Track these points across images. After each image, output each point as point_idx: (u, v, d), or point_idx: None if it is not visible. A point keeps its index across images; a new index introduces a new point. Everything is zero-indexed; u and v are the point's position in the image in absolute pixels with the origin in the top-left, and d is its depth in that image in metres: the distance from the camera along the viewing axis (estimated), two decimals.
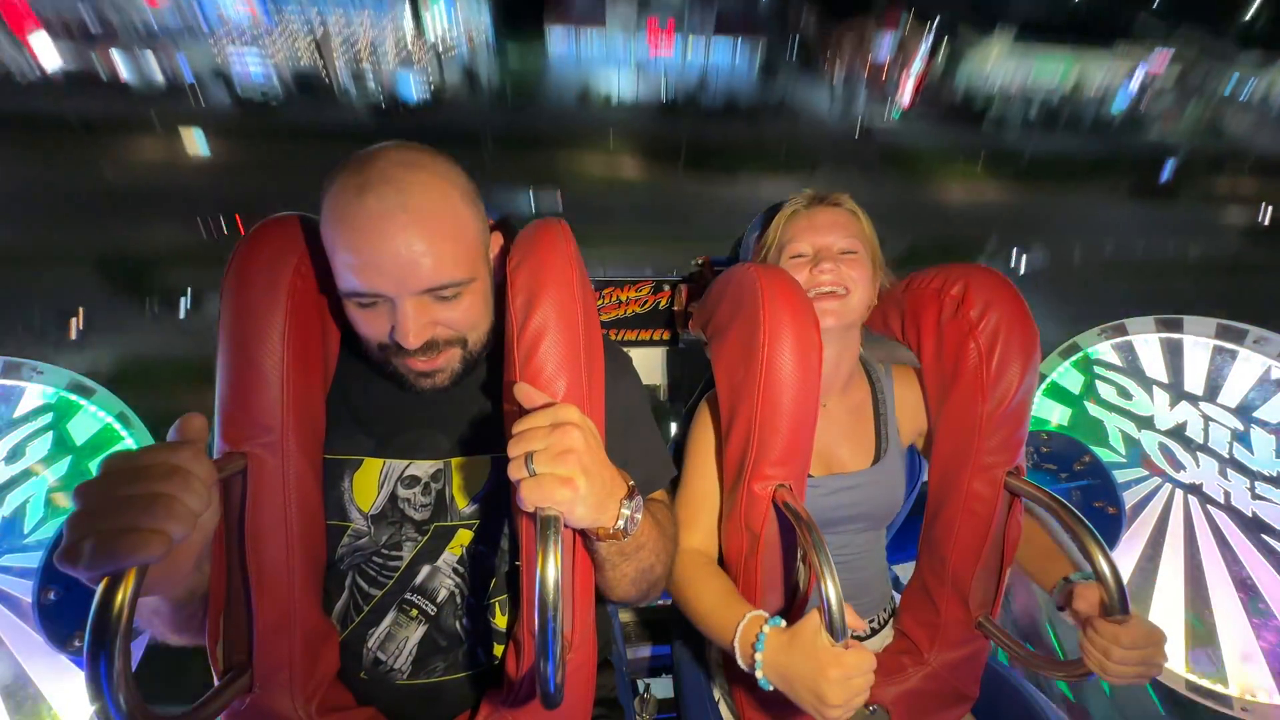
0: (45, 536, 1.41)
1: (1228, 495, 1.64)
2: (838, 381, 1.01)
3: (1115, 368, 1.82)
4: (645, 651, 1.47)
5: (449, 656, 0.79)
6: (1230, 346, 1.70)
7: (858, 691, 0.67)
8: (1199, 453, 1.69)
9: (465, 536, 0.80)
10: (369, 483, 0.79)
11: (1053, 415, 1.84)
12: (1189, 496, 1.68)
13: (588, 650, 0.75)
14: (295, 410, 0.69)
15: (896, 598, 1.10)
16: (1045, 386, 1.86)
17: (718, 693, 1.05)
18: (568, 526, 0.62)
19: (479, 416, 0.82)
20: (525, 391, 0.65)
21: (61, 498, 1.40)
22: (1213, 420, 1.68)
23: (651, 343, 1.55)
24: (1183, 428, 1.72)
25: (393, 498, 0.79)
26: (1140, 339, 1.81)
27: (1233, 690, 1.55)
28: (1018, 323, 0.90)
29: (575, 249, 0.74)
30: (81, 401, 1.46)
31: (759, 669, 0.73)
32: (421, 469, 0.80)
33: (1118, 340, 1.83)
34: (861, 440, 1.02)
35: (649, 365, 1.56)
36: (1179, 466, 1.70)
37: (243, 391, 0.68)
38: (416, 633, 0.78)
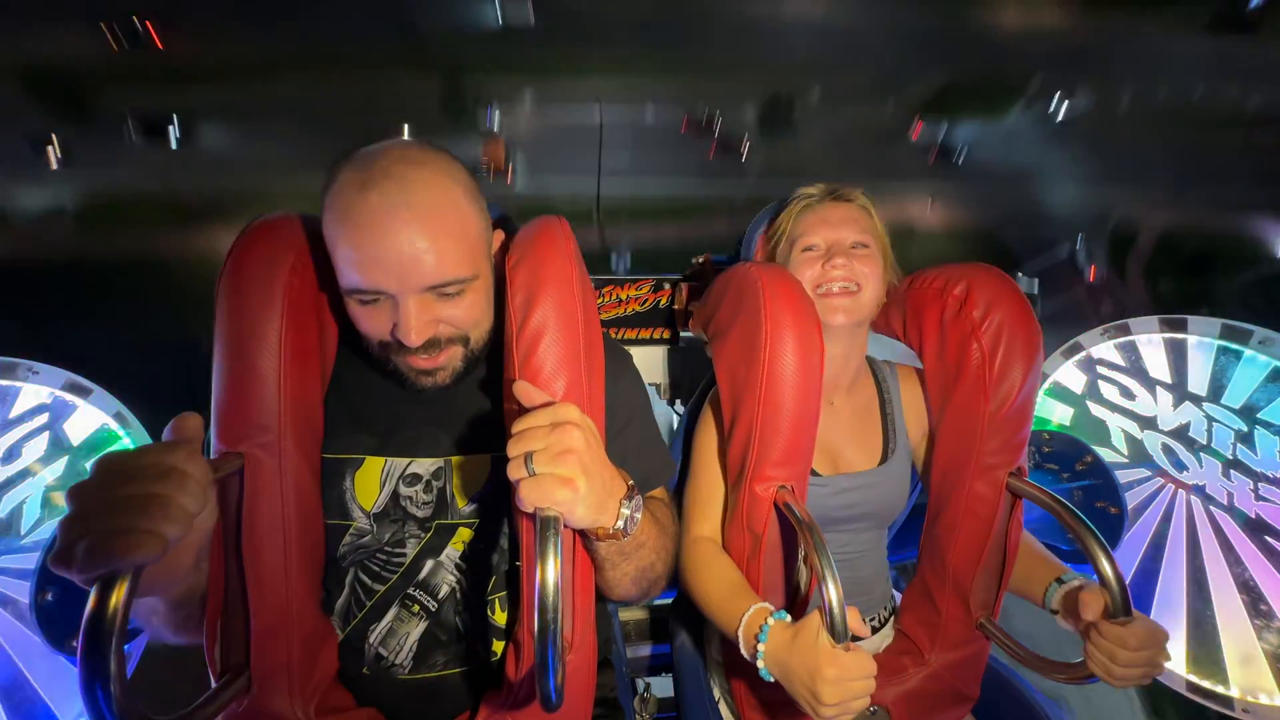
0: (42, 537, 1.41)
1: (1231, 496, 1.63)
2: (845, 379, 1.01)
3: (1118, 367, 1.81)
4: (645, 650, 1.47)
5: (449, 651, 0.79)
6: (1235, 347, 1.69)
7: (855, 695, 0.67)
8: (1202, 453, 1.69)
9: (466, 534, 0.80)
10: (371, 481, 0.79)
11: (1054, 415, 1.84)
12: (1192, 497, 1.68)
13: (587, 650, 0.74)
14: (292, 410, 0.69)
15: (897, 597, 1.10)
16: (1047, 386, 1.85)
17: (717, 692, 1.04)
18: (567, 526, 0.62)
19: (479, 415, 0.81)
20: (525, 390, 0.64)
21: (59, 498, 1.40)
22: (1216, 421, 1.68)
23: (652, 341, 1.55)
24: (1186, 428, 1.71)
25: (395, 496, 0.79)
26: (1144, 339, 1.80)
27: (1234, 691, 1.54)
28: (1021, 323, 0.90)
29: (575, 247, 0.73)
30: (78, 401, 1.46)
31: (760, 659, 0.74)
32: (423, 467, 0.80)
33: (1121, 340, 1.82)
34: (869, 439, 1.02)
35: (649, 364, 1.55)
36: (1182, 467, 1.70)
37: (239, 392, 0.67)
38: (418, 629, 0.78)
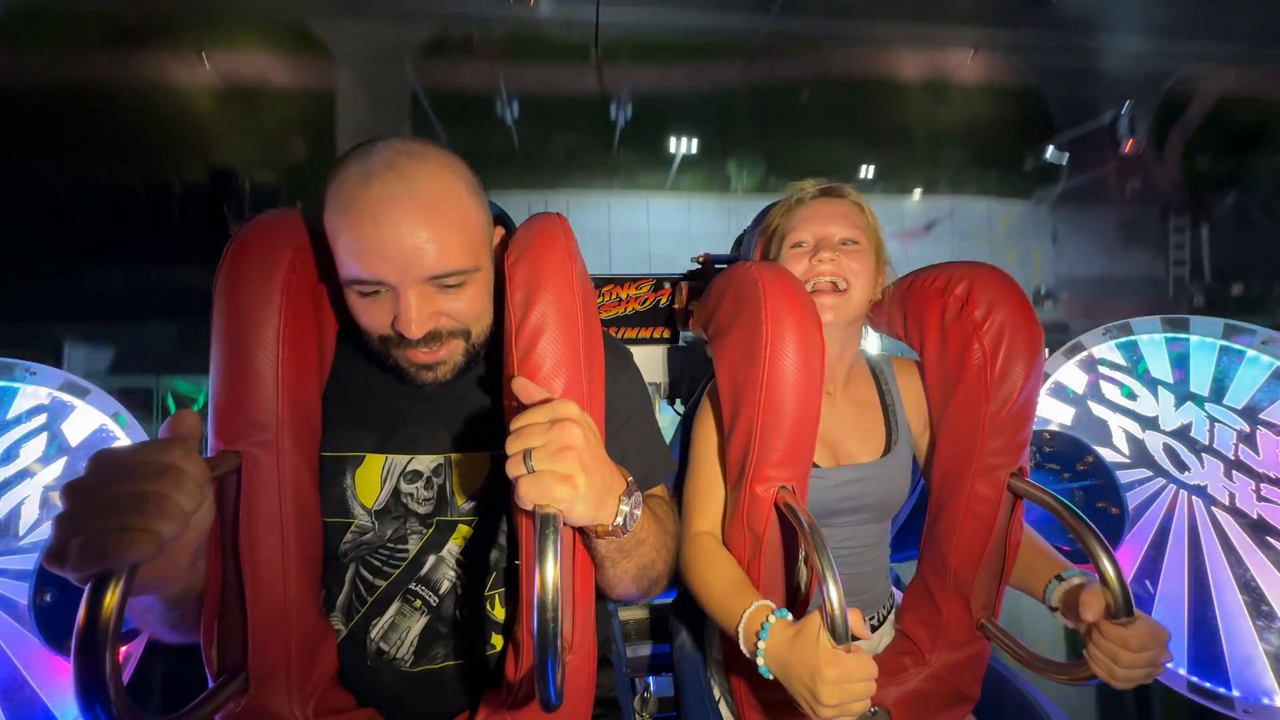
0: (41, 538, 1.40)
1: (1233, 497, 1.63)
2: (840, 373, 1.01)
3: (1120, 367, 1.81)
4: (645, 650, 1.46)
5: (449, 645, 0.79)
6: (1237, 347, 1.69)
7: (855, 697, 0.66)
8: (1204, 454, 1.68)
9: (466, 531, 0.80)
10: (371, 479, 0.78)
11: (1055, 414, 1.83)
12: (1193, 498, 1.67)
13: (587, 650, 0.74)
14: (290, 408, 0.68)
15: (897, 595, 1.09)
16: (1048, 386, 1.85)
17: (717, 692, 1.04)
18: (567, 524, 0.61)
19: (478, 412, 0.81)
20: (524, 386, 0.64)
21: (58, 499, 1.39)
22: (1218, 421, 1.67)
23: (652, 340, 1.54)
24: (1188, 429, 1.70)
25: (395, 493, 0.79)
26: (1145, 339, 1.80)
27: (1235, 692, 1.54)
28: (1022, 323, 0.89)
29: (574, 244, 0.73)
30: (76, 401, 1.46)
31: (761, 656, 0.74)
32: (423, 463, 0.80)
33: (1122, 340, 1.82)
34: (871, 432, 1.01)
35: (649, 363, 1.55)
36: (1183, 467, 1.69)
37: (237, 389, 0.67)
38: (419, 623, 0.78)
